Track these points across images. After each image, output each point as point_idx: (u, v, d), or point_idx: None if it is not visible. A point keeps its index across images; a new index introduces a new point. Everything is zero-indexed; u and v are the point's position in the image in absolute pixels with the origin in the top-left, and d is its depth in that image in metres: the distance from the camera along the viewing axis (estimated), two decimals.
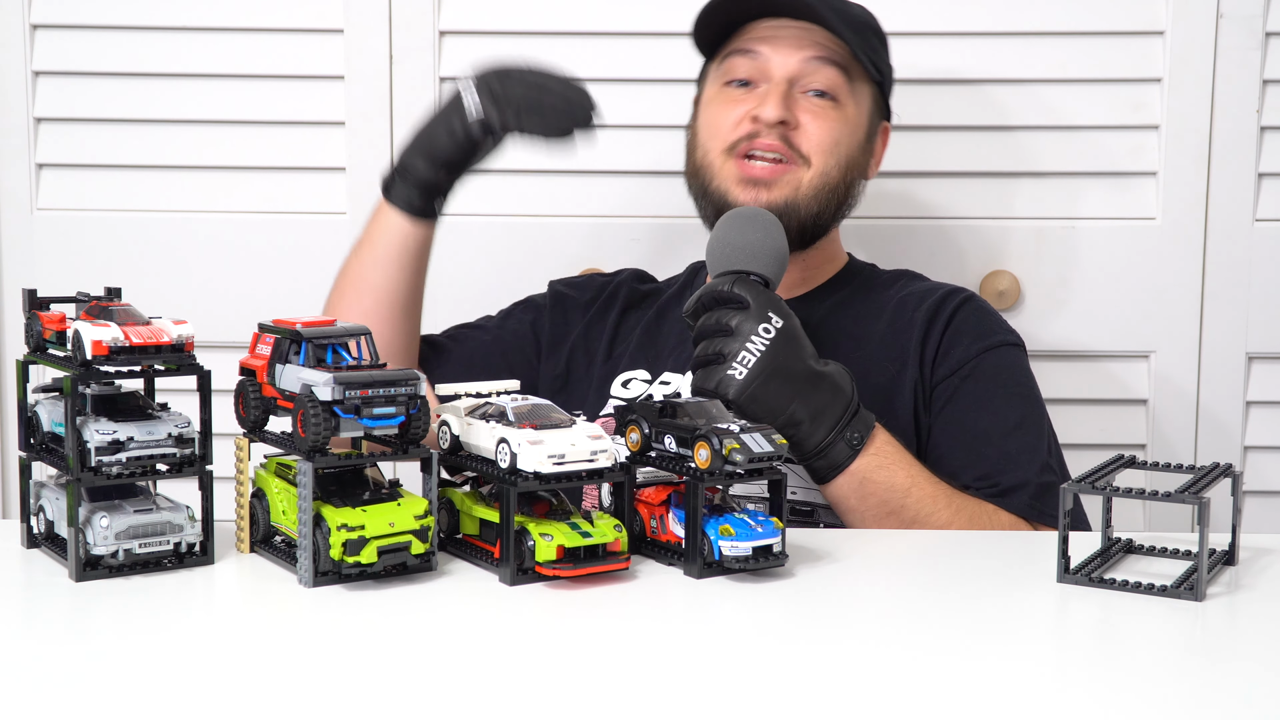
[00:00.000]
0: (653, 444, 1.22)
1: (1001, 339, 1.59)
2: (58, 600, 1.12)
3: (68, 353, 1.18)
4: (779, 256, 1.42)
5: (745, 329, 1.35)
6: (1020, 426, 1.53)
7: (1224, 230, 1.92)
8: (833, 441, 1.37)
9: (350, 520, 1.12)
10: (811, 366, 1.36)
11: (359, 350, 1.18)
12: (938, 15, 1.92)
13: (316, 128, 1.98)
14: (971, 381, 1.55)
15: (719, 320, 1.36)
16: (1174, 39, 1.90)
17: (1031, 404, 1.57)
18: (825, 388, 1.36)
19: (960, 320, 1.59)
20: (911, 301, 1.61)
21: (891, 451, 1.40)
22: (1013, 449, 1.51)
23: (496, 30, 1.94)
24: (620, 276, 1.77)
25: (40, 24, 1.95)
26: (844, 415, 1.37)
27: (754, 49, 1.60)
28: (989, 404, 1.54)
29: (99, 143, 1.97)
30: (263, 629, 1.08)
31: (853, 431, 1.37)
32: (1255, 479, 1.95)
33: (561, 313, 1.74)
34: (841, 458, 1.38)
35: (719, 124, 1.60)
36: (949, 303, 1.60)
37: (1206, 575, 1.12)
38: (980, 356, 1.56)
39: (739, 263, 1.40)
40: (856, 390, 1.39)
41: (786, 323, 1.36)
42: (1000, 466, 1.49)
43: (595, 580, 1.15)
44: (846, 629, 1.08)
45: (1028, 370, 1.60)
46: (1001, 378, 1.56)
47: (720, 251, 1.42)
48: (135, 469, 1.16)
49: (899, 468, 1.40)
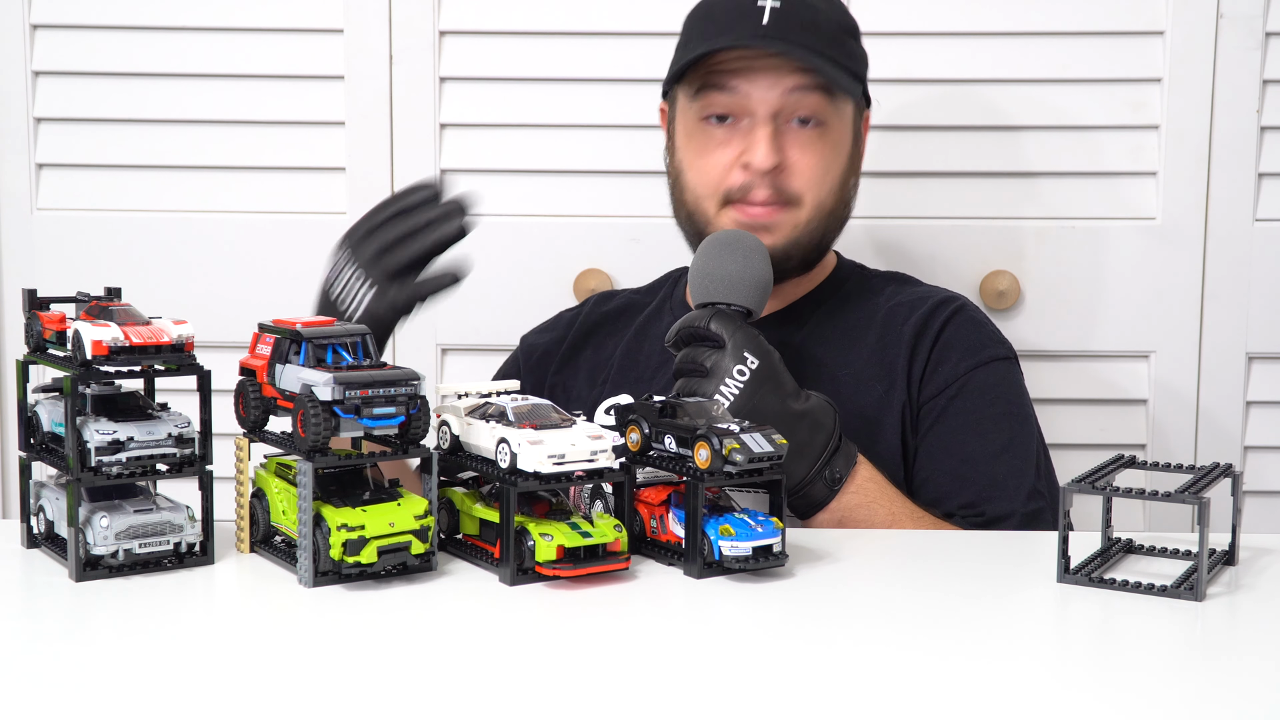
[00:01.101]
0: (653, 444, 1.22)
1: (991, 354, 1.57)
2: (58, 600, 1.12)
3: (68, 353, 1.18)
4: (762, 285, 1.39)
5: (721, 370, 1.34)
6: (1008, 449, 1.51)
7: (1224, 230, 1.92)
8: (811, 480, 1.36)
9: (350, 520, 1.12)
10: (789, 407, 1.35)
11: (359, 350, 1.18)
12: (938, 15, 1.92)
13: (316, 128, 1.98)
14: (959, 401, 1.53)
15: (695, 359, 1.35)
16: (1174, 39, 1.90)
17: (1021, 422, 1.54)
18: (803, 427, 1.35)
19: (949, 335, 1.56)
20: (901, 313, 1.59)
21: (873, 489, 1.39)
22: (1000, 474, 1.49)
23: (496, 30, 1.94)
24: (585, 307, 1.75)
25: (40, 24, 1.95)
26: (823, 453, 1.36)
27: (732, 85, 1.54)
28: (976, 426, 1.52)
29: (99, 143, 1.97)
30: (263, 629, 1.08)
31: (833, 469, 1.36)
32: (1255, 479, 1.95)
33: (531, 365, 1.72)
34: (820, 496, 1.37)
35: (707, 169, 1.56)
36: (938, 315, 1.57)
37: (1206, 575, 1.12)
38: (969, 375, 1.54)
39: (718, 294, 1.39)
40: (839, 424, 1.38)
41: (763, 362, 1.34)
42: (987, 494, 1.47)
43: (595, 580, 1.15)
44: (846, 629, 1.08)
45: (1019, 385, 1.58)
46: (990, 396, 1.54)
47: (700, 282, 1.40)
48: (135, 469, 1.16)
49: (880, 505, 1.39)
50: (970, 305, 1.62)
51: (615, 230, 1.97)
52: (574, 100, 1.97)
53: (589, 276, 1.96)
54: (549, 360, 1.72)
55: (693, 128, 1.58)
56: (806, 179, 1.55)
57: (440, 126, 1.94)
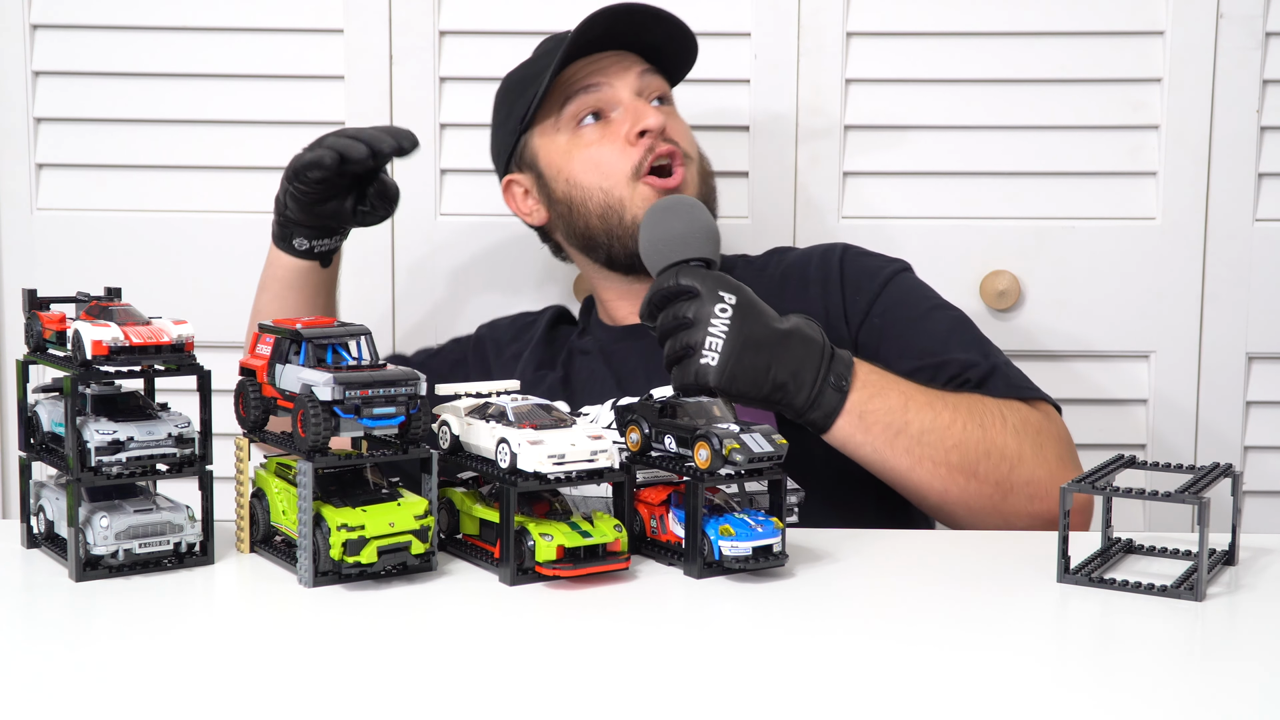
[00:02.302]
0: (653, 444, 1.22)
1: (892, 269, 1.65)
2: (58, 600, 1.12)
3: (68, 353, 1.18)
4: (710, 234, 1.40)
5: (703, 315, 1.34)
6: (953, 331, 1.58)
7: (1224, 230, 1.92)
8: (820, 390, 1.37)
9: (350, 520, 1.12)
10: (777, 328, 1.36)
11: (359, 350, 1.18)
12: (937, 15, 1.92)
13: (316, 127, 1.97)
14: (890, 314, 1.60)
15: (676, 315, 1.36)
16: (1174, 39, 1.89)
17: (947, 308, 1.62)
18: (796, 343, 1.36)
19: (847, 269, 1.64)
20: (795, 273, 1.66)
21: (876, 379, 1.42)
22: (957, 349, 1.55)
23: (496, 30, 1.94)
24: (545, 316, 1.81)
25: (40, 24, 1.95)
26: (821, 363, 1.38)
27: (593, 83, 1.65)
28: (915, 324, 1.59)
29: (99, 143, 1.97)
30: (263, 629, 1.08)
31: (835, 374, 1.38)
32: (1255, 479, 1.95)
33: (480, 356, 1.78)
34: (833, 403, 1.38)
35: (606, 159, 1.64)
36: (829, 260, 1.66)
37: (1206, 575, 1.12)
38: (883, 291, 1.62)
39: (674, 254, 1.38)
40: (825, 335, 1.40)
41: (739, 295, 1.35)
42: (962, 365, 1.53)
43: (595, 580, 1.15)
44: (846, 629, 1.08)
45: (926, 285, 1.66)
46: (911, 299, 1.63)
47: (653, 251, 1.40)
48: (135, 469, 1.16)
49: (890, 388, 1.41)
50: (852, 245, 1.70)
51: None
52: None
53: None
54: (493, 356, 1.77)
55: (569, 141, 1.66)
56: (685, 137, 1.67)
57: (440, 126, 1.94)
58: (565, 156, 1.66)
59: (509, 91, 1.72)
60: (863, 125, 1.92)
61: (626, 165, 1.62)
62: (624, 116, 1.64)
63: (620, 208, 1.63)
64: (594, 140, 1.64)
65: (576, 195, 1.65)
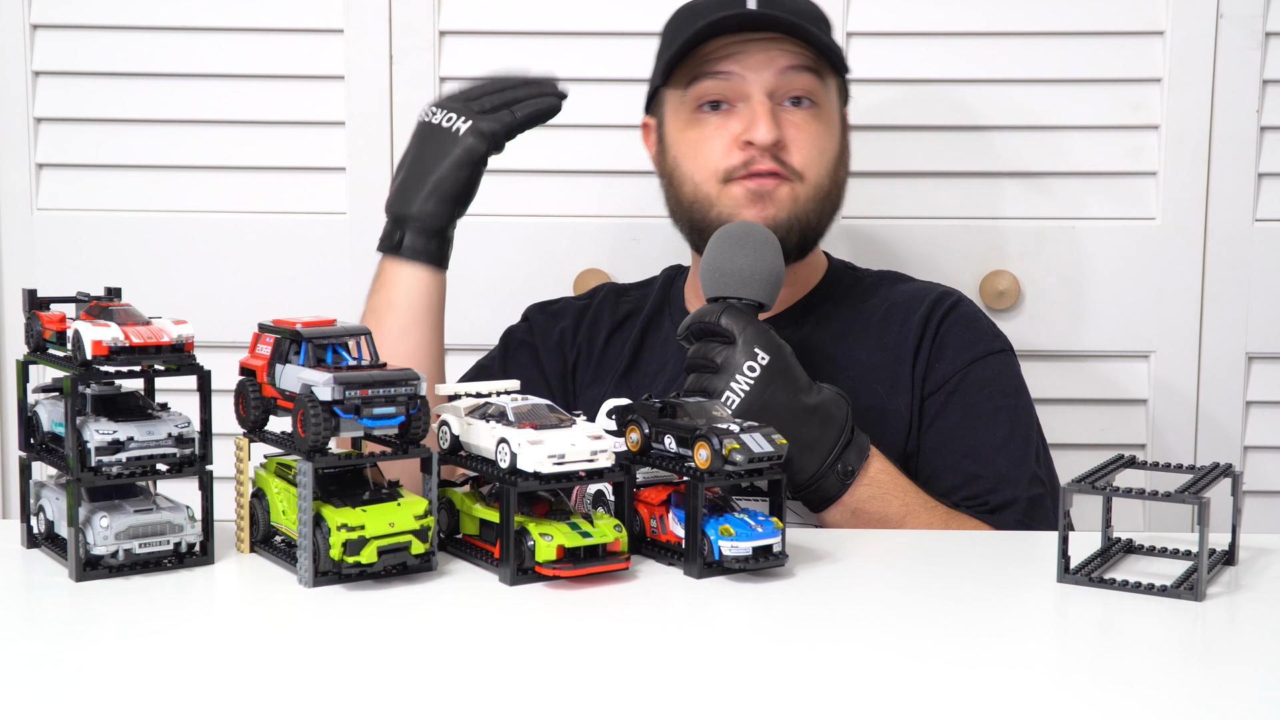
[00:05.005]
0: (653, 444, 1.22)
1: (986, 348, 1.58)
2: (58, 600, 1.12)
3: (68, 353, 1.18)
4: (772, 278, 1.38)
5: (732, 365, 1.33)
6: (1008, 440, 1.52)
7: (1224, 230, 1.92)
8: (824, 474, 1.36)
9: (350, 520, 1.12)
10: (801, 402, 1.35)
11: (359, 350, 1.18)
12: (937, 15, 1.92)
13: (316, 128, 1.98)
14: (958, 396, 1.54)
15: (706, 354, 1.35)
16: (1174, 39, 1.90)
17: (1018, 413, 1.56)
18: (815, 421, 1.35)
19: (945, 331, 1.57)
20: (898, 312, 1.60)
21: (886, 480, 1.39)
22: (1002, 465, 1.50)
23: (496, 30, 1.94)
24: (598, 298, 1.74)
25: (40, 24, 1.95)
26: (835, 447, 1.36)
27: (725, 69, 1.55)
28: (977, 420, 1.53)
29: (99, 143, 1.97)
30: (263, 629, 1.08)
31: (845, 463, 1.36)
32: (1255, 479, 1.95)
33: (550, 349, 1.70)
34: (834, 490, 1.37)
35: (706, 153, 1.57)
36: (934, 314, 1.58)
37: (1206, 575, 1.12)
38: (966, 369, 1.55)
39: (729, 288, 1.38)
40: (851, 416, 1.38)
41: (774, 357, 1.34)
42: (991, 485, 1.49)
43: (595, 580, 1.15)
44: (846, 629, 1.08)
45: (1016, 375, 1.59)
46: (988, 390, 1.55)
47: (710, 276, 1.39)
48: (135, 469, 1.16)
49: (893, 496, 1.39)
50: (965, 300, 1.63)
51: (615, 230, 1.97)
52: (574, 100, 1.96)
53: (589, 276, 1.96)
54: (563, 348, 1.70)
55: (686, 120, 1.59)
56: (805, 155, 1.56)
57: None
58: (679, 133, 1.60)
59: (674, 29, 1.61)
60: (863, 125, 1.92)
61: (722, 167, 1.56)
62: (742, 116, 1.55)
63: (707, 203, 1.57)
64: (705, 130, 1.57)
65: (676, 173, 1.61)
